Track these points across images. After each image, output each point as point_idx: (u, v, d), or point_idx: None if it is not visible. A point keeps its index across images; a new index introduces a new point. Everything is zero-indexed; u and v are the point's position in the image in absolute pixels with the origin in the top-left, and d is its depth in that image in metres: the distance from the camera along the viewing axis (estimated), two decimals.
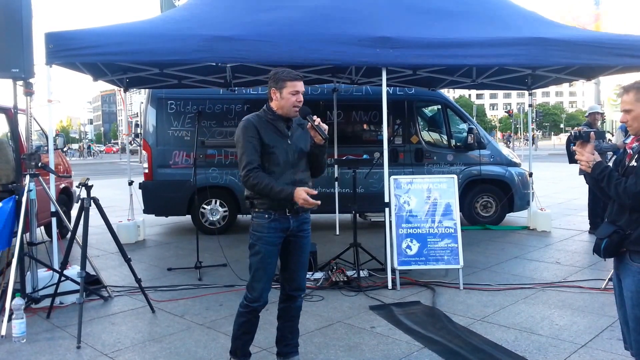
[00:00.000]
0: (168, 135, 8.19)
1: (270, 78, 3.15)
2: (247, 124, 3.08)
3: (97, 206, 4.64)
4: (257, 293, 3.11)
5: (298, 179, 3.14)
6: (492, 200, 8.66)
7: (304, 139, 3.21)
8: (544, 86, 8.58)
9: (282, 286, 3.29)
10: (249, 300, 3.12)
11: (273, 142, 3.07)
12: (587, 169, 2.71)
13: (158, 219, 9.21)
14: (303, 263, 3.28)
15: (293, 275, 3.25)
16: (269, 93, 3.15)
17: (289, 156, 3.11)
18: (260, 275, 3.11)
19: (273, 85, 3.11)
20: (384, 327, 4.23)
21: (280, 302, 3.32)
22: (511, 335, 4.01)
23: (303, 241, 3.24)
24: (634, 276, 2.56)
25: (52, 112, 5.10)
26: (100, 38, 5.11)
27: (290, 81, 3.08)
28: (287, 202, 3.01)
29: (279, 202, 3.04)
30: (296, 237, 3.20)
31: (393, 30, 5.36)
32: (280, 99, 3.09)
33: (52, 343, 4.01)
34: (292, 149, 3.13)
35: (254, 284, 3.12)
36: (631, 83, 2.64)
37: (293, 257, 3.23)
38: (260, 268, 3.10)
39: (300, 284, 3.28)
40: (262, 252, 3.09)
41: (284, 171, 3.09)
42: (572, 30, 6.20)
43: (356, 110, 8.69)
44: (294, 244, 3.20)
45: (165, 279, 5.78)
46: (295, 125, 3.21)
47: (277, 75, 3.11)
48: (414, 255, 5.35)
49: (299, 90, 3.09)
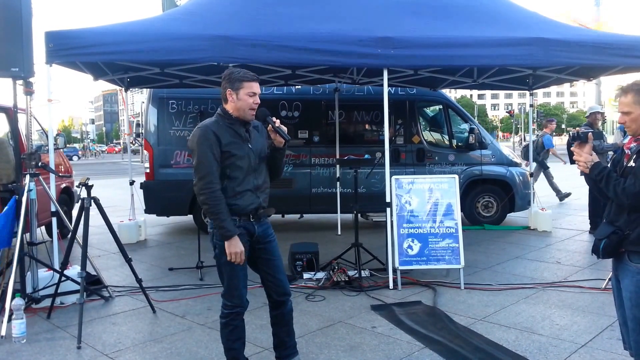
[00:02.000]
0: (169, 135, 8.19)
1: (225, 78, 3.02)
2: (205, 131, 2.92)
3: (98, 206, 4.64)
4: (238, 299, 3.05)
5: (260, 183, 3.08)
6: (493, 200, 8.66)
7: (261, 141, 3.12)
8: (545, 86, 8.57)
9: (268, 295, 3.21)
10: (231, 307, 3.05)
11: (234, 148, 2.95)
12: (585, 169, 2.70)
13: (159, 218, 9.21)
14: (279, 266, 3.19)
15: (275, 282, 3.16)
16: (224, 94, 3.01)
17: (251, 161, 3.01)
18: (236, 283, 3.03)
19: (228, 86, 2.98)
20: (385, 327, 4.23)
21: (271, 310, 3.25)
22: (512, 335, 4.01)
23: (272, 245, 3.16)
24: (633, 276, 2.55)
25: (52, 111, 5.10)
26: (100, 37, 5.11)
27: (247, 82, 2.96)
28: (221, 235, 2.92)
29: (243, 210, 2.98)
30: (264, 244, 3.12)
31: (394, 30, 5.35)
32: (237, 100, 2.96)
33: (52, 343, 4.00)
34: (253, 153, 3.02)
35: (232, 292, 3.04)
36: (630, 84, 2.62)
37: (268, 263, 3.14)
38: (234, 276, 3.02)
39: (285, 288, 3.19)
40: (230, 262, 2.99)
41: (246, 176, 3.00)
42: (574, 30, 6.19)
43: (358, 110, 8.69)
44: (264, 251, 3.12)
45: (167, 279, 5.77)
46: (251, 128, 3.09)
47: (232, 75, 2.98)
48: (415, 255, 5.34)
49: (255, 92, 2.98)
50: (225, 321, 3.09)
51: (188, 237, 8.14)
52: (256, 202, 3.05)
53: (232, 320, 3.08)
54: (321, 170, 8.39)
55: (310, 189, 8.36)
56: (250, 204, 3.02)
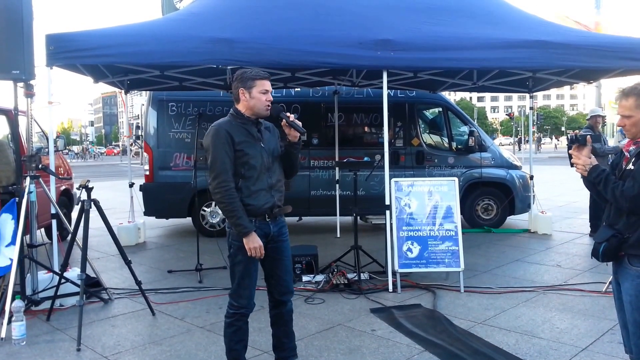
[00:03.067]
0: (169, 137, 8.19)
1: (237, 78, 3.07)
2: (218, 130, 2.98)
3: (98, 208, 4.63)
4: (245, 300, 3.07)
5: (274, 182, 3.10)
6: (493, 203, 8.66)
7: (274, 141, 3.17)
8: (545, 89, 8.57)
9: (270, 293, 3.22)
10: (237, 308, 3.07)
11: (247, 147, 3.00)
12: (583, 172, 2.69)
13: (158, 221, 9.20)
14: (287, 267, 3.21)
15: (280, 281, 3.18)
16: (236, 94, 3.06)
17: (264, 160, 3.04)
18: (247, 283, 3.06)
19: (241, 86, 3.03)
20: (384, 330, 4.22)
21: (271, 309, 3.27)
22: (512, 339, 4.00)
23: (284, 245, 3.19)
24: (633, 280, 2.55)
25: (52, 113, 5.11)
26: (101, 40, 5.11)
27: (259, 80, 3.02)
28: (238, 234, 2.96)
29: (258, 210, 3.02)
30: (277, 243, 3.15)
31: (394, 32, 5.36)
32: (250, 99, 3.02)
33: (52, 345, 4.00)
34: (265, 152, 3.06)
35: (241, 292, 3.07)
36: (630, 87, 2.61)
37: (277, 263, 3.16)
38: (246, 276, 3.05)
39: (289, 287, 3.22)
40: (245, 260, 3.02)
41: (260, 175, 3.03)
42: (573, 33, 6.19)
43: (357, 112, 8.69)
44: (275, 249, 3.14)
45: (166, 281, 5.77)
46: (263, 129, 3.14)
47: (244, 74, 3.04)
48: (414, 258, 5.34)
49: (268, 90, 3.05)
50: (230, 321, 3.11)
51: (187, 239, 8.13)
52: (271, 201, 3.08)
53: (237, 320, 3.09)
54: (320, 172, 8.39)
55: (310, 191, 8.35)
56: (265, 203, 3.05)
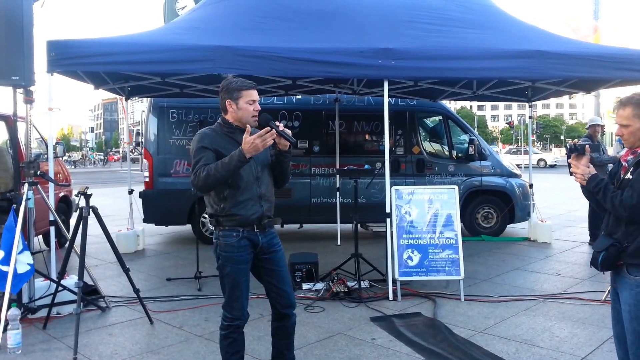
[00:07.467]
0: (169, 144, 8.19)
1: (222, 89, 3.03)
2: (203, 135, 2.98)
3: (96, 215, 4.61)
4: (238, 311, 3.01)
5: (263, 191, 3.04)
6: (493, 211, 8.65)
7: (263, 150, 3.05)
8: (544, 98, 8.60)
9: (272, 306, 3.16)
10: (231, 320, 3.02)
11: None
12: (582, 181, 2.70)
13: (158, 228, 9.19)
14: (285, 277, 3.14)
15: (280, 293, 3.11)
16: (223, 105, 3.02)
17: (252, 169, 2.99)
18: (237, 294, 3.01)
19: (227, 97, 2.99)
20: (384, 338, 4.20)
21: (274, 320, 3.20)
22: (512, 347, 3.98)
23: (278, 255, 3.12)
24: (632, 289, 2.54)
25: (52, 120, 5.10)
26: (102, 47, 5.13)
27: (245, 90, 2.98)
28: (240, 162, 2.82)
29: (246, 220, 2.95)
30: (269, 254, 3.08)
31: (395, 41, 5.38)
32: (237, 110, 2.98)
33: (48, 354, 3.96)
34: (254, 161, 2.96)
35: (233, 304, 3.02)
36: (628, 97, 2.62)
37: (273, 274, 3.10)
38: (236, 287, 3.00)
39: (290, 299, 3.14)
40: (234, 272, 2.97)
41: (248, 185, 2.97)
42: (572, 43, 6.22)
43: (358, 120, 8.70)
44: (269, 261, 3.07)
45: (165, 289, 5.74)
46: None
47: (230, 85, 3.00)
48: (415, 266, 5.32)
49: (255, 99, 3.01)
50: (225, 333, 3.06)
51: (186, 247, 8.11)
52: (259, 211, 3.01)
53: (232, 333, 3.04)
54: (321, 180, 8.38)
55: (310, 198, 8.34)
56: (254, 213, 2.99)
